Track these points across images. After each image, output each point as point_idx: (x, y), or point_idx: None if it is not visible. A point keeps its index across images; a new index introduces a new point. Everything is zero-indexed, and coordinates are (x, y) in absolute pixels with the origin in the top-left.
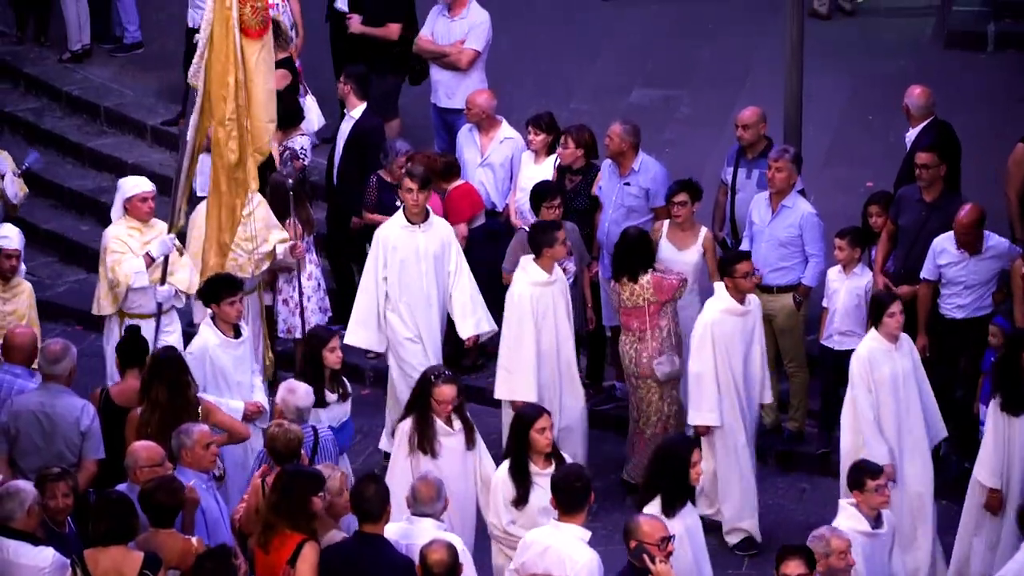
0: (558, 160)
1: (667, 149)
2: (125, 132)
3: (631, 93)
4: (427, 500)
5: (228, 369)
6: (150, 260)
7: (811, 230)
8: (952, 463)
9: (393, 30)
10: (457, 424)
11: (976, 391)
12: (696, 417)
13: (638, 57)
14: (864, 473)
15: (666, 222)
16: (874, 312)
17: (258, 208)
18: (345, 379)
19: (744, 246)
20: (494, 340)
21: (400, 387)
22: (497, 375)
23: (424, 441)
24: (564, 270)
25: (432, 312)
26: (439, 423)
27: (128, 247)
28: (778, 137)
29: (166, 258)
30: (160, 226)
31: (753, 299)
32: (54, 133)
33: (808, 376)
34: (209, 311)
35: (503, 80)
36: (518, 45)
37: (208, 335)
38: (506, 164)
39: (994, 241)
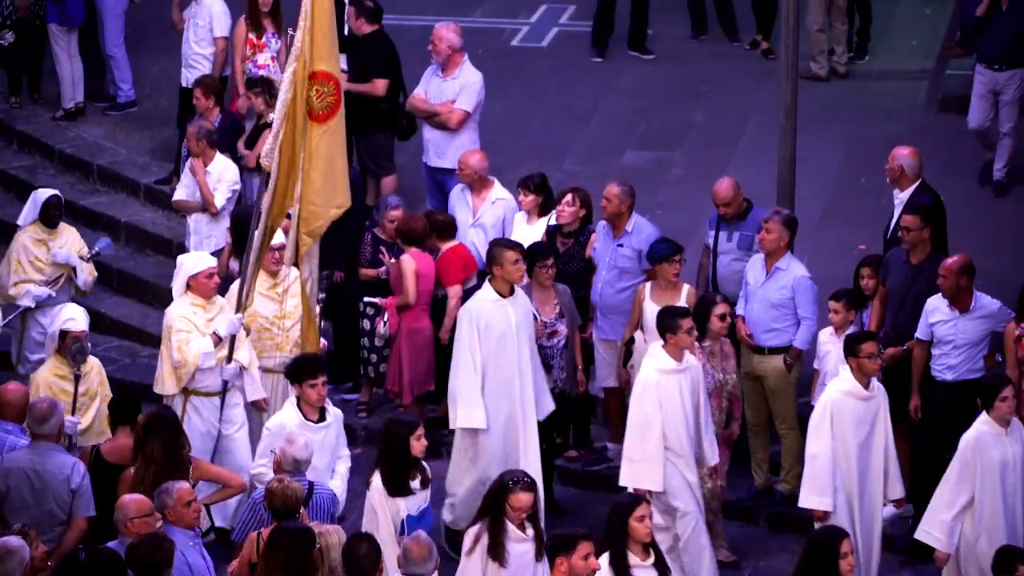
0: (552, 220)
1: (659, 211)
2: (118, 190)
3: (624, 155)
4: (419, 560)
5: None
6: (217, 339)
7: (803, 292)
8: None
9: (379, 86)
10: (529, 531)
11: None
12: (807, 500)
13: (631, 119)
14: (1017, 559)
15: (649, 283)
16: (985, 396)
17: (293, 285)
18: (425, 464)
19: (739, 307)
20: None
21: (466, 472)
22: (621, 464)
23: (496, 548)
24: (554, 332)
25: (528, 387)
26: (512, 528)
27: (194, 325)
28: (772, 200)
29: (233, 337)
30: (221, 302)
31: (879, 387)
32: None
33: (800, 438)
34: (294, 391)
35: (497, 141)
36: (512, 106)
37: (289, 414)
38: (498, 225)
39: (985, 301)
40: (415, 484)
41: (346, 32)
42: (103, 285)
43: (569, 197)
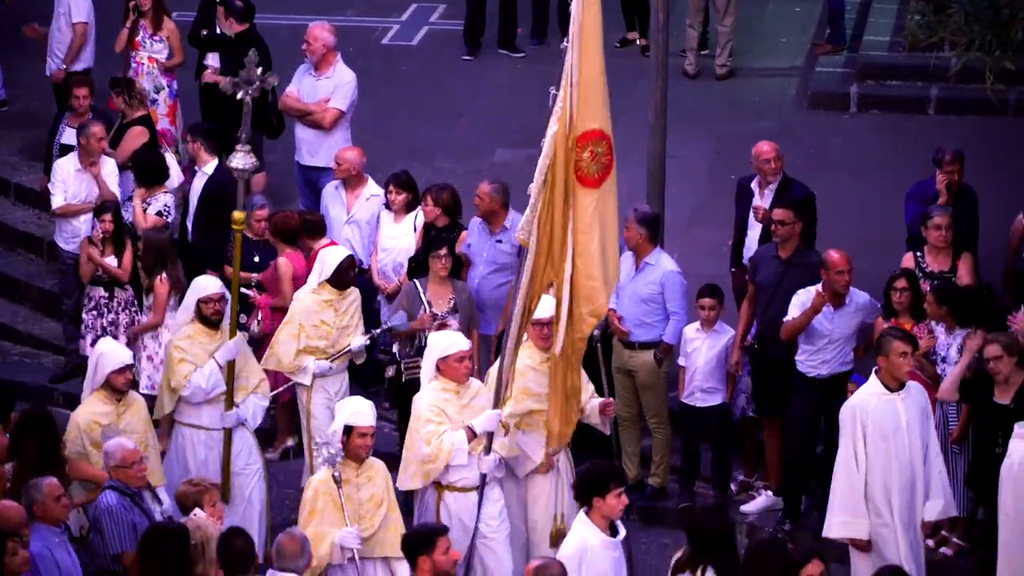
0: (419, 217)
1: None
2: None
3: (495, 152)
4: (291, 555)
5: (607, 574)
6: (471, 433)
7: (672, 287)
8: (814, 518)
9: None
10: None
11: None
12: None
13: (502, 117)
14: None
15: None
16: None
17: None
18: None
19: (611, 302)
20: None
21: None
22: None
23: None
24: (444, 325)
25: (917, 491)
26: None
27: (445, 415)
28: (642, 197)
29: (491, 432)
30: (476, 386)
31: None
32: None
33: (670, 432)
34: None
35: (368, 139)
36: (383, 104)
37: (586, 533)
38: (372, 221)
39: (855, 294)
40: None
41: (217, 30)
42: None
43: (427, 198)
